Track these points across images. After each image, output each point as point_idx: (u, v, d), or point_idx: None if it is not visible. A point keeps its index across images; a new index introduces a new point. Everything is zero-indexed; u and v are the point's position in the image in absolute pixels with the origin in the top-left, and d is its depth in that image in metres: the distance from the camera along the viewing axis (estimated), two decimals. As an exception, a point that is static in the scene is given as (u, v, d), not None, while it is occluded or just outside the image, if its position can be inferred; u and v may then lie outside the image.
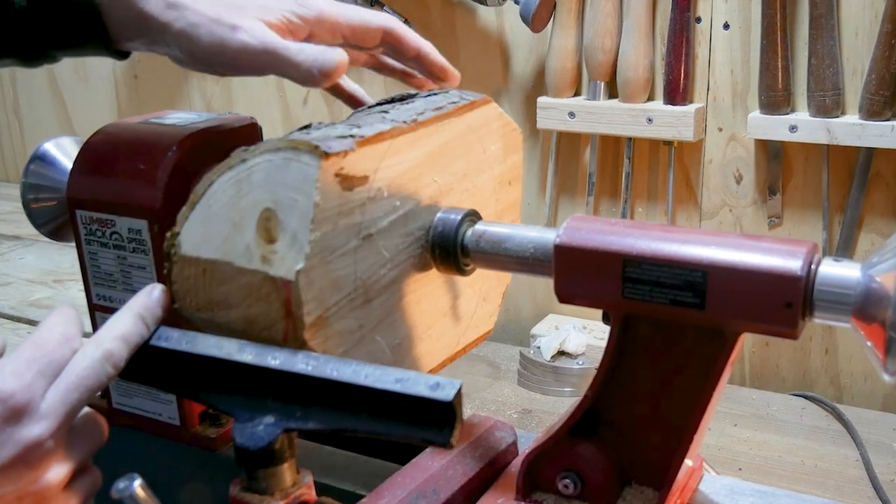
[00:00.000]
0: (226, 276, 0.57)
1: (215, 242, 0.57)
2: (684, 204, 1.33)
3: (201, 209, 0.58)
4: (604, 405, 0.62)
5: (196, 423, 0.77)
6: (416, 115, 0.63)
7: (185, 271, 0.58)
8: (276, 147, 0.56)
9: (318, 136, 0.57)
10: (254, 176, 0.56)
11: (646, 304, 0.56)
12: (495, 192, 0.72)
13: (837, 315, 0.53)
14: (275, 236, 0.55)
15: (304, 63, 0.65)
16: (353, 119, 0.64)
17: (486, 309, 0.75)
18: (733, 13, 1.22)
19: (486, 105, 0.70)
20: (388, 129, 0.60)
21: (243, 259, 0.56)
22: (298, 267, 0.54)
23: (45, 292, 1.53)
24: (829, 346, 1.28)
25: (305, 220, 0.54)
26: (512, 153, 0.74)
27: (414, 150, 0.62)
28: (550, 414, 1.20)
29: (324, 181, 0.54)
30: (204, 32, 0.65)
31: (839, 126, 1.15)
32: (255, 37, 0.65)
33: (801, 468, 1.07)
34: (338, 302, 0.58)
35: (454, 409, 0.49)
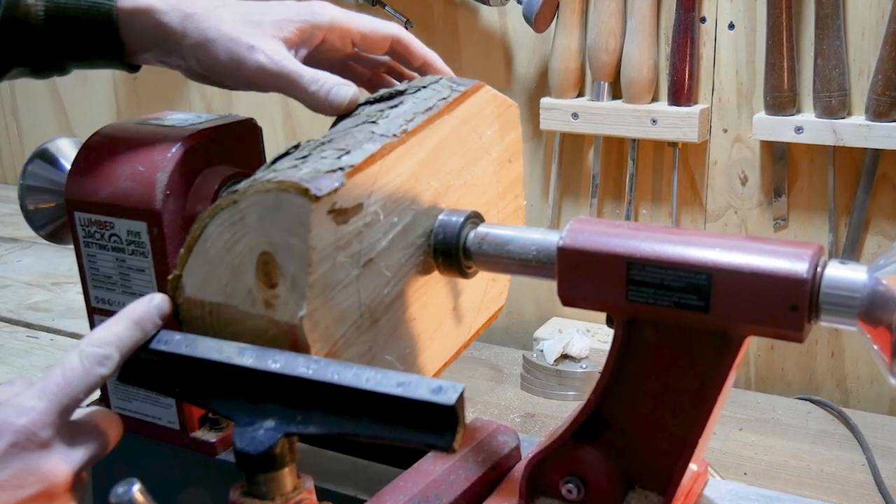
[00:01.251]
0: (232, 318, 0.57)
1: (218, 287, 0.57)
2: (689, 206, 1.32)
3: (199, 252, 0.58)
4: (607, 409, 0.61)
5: (196, 427, 0.77)
6: (406, 122, 0.62)
7: (192, 312, 0.58)
8: (265, 189, 0.55)
9: (307, 173, 0.56)
10: (247, 218, 0.56)
11: (650, 307, 0.56)
12: (495, 174, 0.71)
13: (844, 318, 0.52)
14: (275, 280, 0.55)
15: (318, 93, 0.68)
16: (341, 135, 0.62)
17: (497, 287, 0.74)
18: (738, 13, 1.22)
19: (477, 92, 0.69)
20: (377, 150, 0.59)
21: (247, 304, 0.56)
22: (301, 313, 0.54)
23: (43, 295, 1.53)
24: (836, 350, 1.27)
25: (303, 264, 0.54)
26: (509, 131, 0.72)
27: (406, 161, 0.61)
28: (554, 418, 1.20)
29: (317, 220, 0.54)
30: (221, 49, 0.67)
31: (845, 127, 1.14)
32: (272, 59, 0.67)
33: (807, 473, 1.07)
34: (345, 333, 0.58)
35: (456, 412, 0.49)
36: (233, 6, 0.70)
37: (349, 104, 0.68)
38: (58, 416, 0.54)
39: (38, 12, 0.70)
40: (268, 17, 0.70)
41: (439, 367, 0.69)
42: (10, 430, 0.52)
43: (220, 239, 0.57)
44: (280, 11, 0.70)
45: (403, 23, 1.42)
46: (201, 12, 0.68)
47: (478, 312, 0.72)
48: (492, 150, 0.71)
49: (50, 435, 0.53)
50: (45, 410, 0.53)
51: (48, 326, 1.40)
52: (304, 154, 0.59)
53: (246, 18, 0.69)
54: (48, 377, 0.54)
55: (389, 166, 0.60)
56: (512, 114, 0.73)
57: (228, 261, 0.56)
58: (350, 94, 0.68)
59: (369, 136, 0.60)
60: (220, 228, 0.57)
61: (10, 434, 0.52)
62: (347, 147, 0.59)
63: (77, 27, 0.70)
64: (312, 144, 0.61)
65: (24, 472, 0.52)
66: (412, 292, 0.63)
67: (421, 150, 0.63)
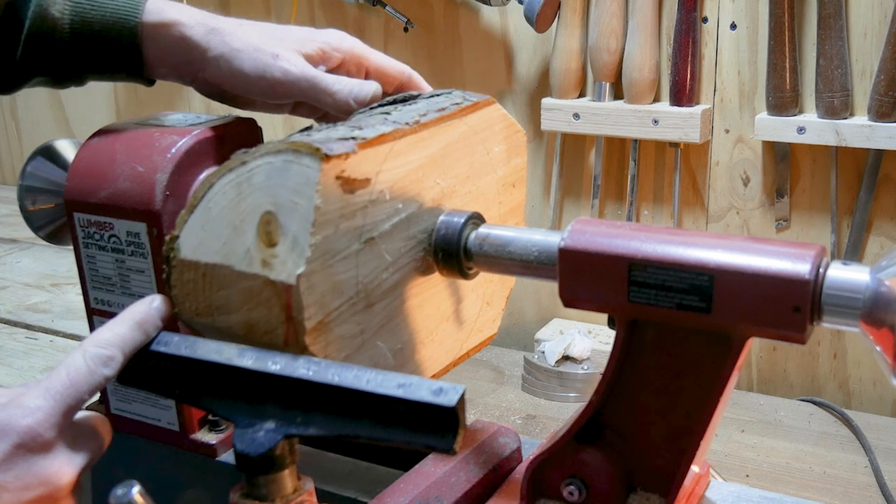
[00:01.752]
0: (226, 280, 0.56)
1: (215, 246, 0.57)
2: (691, 206, 1.32)
3: (201, 212, 0.57)
4: (609, 411, 0.61)
5: (196, 428, 0.77)
6: (419, 116, 0.63)
7: (184, 275, 0.58)
8: (276, 149, 0.56)
9: (319, 138, 0.57)
10: (254, 178, 0.56)
11: (652, 308, 0.56)
12: (499, 194, 0.72)
13: (846, 319, 0.52)
14: (275, 240, 0.55)
15: (341, 93, 0.70)
16: (355, 121, 0.63)
17: (490, 313, 0.74)
18: (740, 13, 1.21)
19: (489, 106, 0.69)
20: (390, 132, 0.59)
21: (243, 263, 0.55)
22: (299, 271, 0.53)
23: (42, 296, 1.54)
24: (838, 351, 1.27)
25: (306, 224, 0.54)
26: (516, 155, 0.73)
27: (416, 151, 0.62)
28: (555, 419, 1.20)
29: (325, 184, 0.54)
30: (246, 58, 0.70)
31: (848, 128, 1.14)
32: (296, 65, 0.70)
33: (810, 475, 1.07)
34: (339, 306, 0.57)
35: (457, 414, 0.49)
36: (256, 25, 0.73)
37: (372, 100, 0.71)
38: (62, 417, 0.54)
39: (65, 26, 0.71)
40: (291, 34, 0.73)
41: (435, 372, 0.69)
42: (14, 431, 0.52)
43: (225, 198, 0.57)
44: (302, 31, 0.74)
45: (404, 23, 1.42)
46: (226, 28, 0.71)
47: (469, 333, 0.72)
48: (498, 168, 0.71)
49: (54, 436, 0.53)
50: (50, 411, 0.53)
51: (47, 328, 1.41)
52: (318, 129, 0.61)
53: (270, 34, 0.72)
54: (52, 377, 0.54)
55: (399, 151, 0.60)
56: (519, 139, 0.74)
57: (229, 219, 0.56)
58: (372, 90, 0.71)
59: (382, 120, 0.61)
60: (224, 188, 0.57)
61: (15, 435, 0.52)
62: (361, 126, 0.60)
63: (101, 42, 0.71)
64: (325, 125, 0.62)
65: (29, 473, 0.52)
66: (410, 288, 0.63)
67: (431, 146, 0.63)
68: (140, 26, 0.71)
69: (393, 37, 1.49)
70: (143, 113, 0.85)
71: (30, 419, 0.52)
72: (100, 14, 0.71)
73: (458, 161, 0.66)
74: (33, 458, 0.52)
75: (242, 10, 1.64)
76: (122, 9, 0.70)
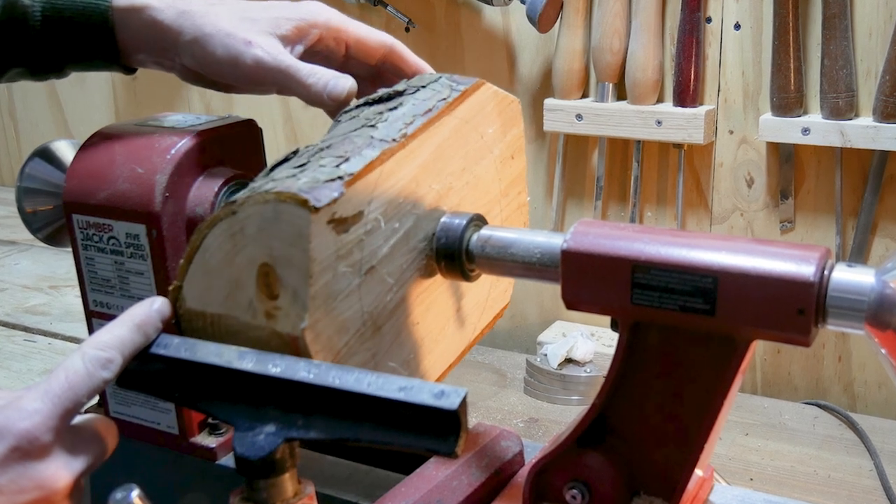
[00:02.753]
0: (234, 328, 0.56)
1: (218, 298, 0.57)
2: (694, 208, 1.32)
3: (199, 263, 0.57)
4: (612, 414, 0.61)
5: (195, 431, 0.77)
6: (405, 126, 0.61)
7: (193, 323, 0.58)
8: (264, 200, 0.55)
9: (306, 183, 0.55)
10: (247, 229, 0.55)
11: (655, 311, 0.55)
12: (498, 172, 0.71)
13: (851, 322, 0.52)
14: (276, 292, 0.55)
15: (315, 85, 0.68)
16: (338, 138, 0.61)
17: (501, 285, 0.74)
18: (744, 13, 1.21)
19: (478, 90, 0.68)
20: (377, 157, 0.58)
21: (248, 315, 0.56)
22: (303, 325, 0.54)
23: (40, 298, 1.54)
24: (843, 354, 1.26)
25: (304, 276, 0.53)
26: (511, 127, 0.72)
27: (407, 165, 0.61)
28: (557, 423, 1.19)
29: (317, 231, 0.53)
30: (218, 44, 0.68)
31: (853, 128, 1.13)
32: (270, 53, 0.68)
33: (814, 478, 1.06)
34: (347, 342, 0.57)
35: (459, 417, 0.49)
36: (229, 4, 0.71)
37: (347, 96, 0.69)
38: (60, 420, 0.53)
39: (35, 13, 0.70)
40: (264, 14, 0.70)
41: (444, 370, 0.69)
42: (10, 434, 0.52)
43: (220, 250, 0.56)
44: (277, 9, 0.71)
45: (406, 23, 1.42)
46: (197, 9, 0.69)
47: (482, 312, 0.72)
48: (493, 148, 0.70)
49: (51, 439, 0.53)
50: (47, 414, 0.53)
51: (46, 330, 1.41)
52: (303, 162, 0.59)
53: (242, 15, 0.70)
54: (51, 379, 0.54)
55: (389, 172, 0.59)
56: (513, 109, 0.72)
57: (228, 272, 0.56)
58: (347, 86, 0.69)
59: (368, 141, 0.60)
60: (219, 239, 0.56)
61: (12, 438, 0.52)
62: (346, 154, 0.58)
63: (73, 28, 0.70)
64: (311, 150, 0.61)
65: (24, 477, 0.52)
66: (415, 297, 0.63)
67: (421, 154, 0.62)
68: (111, 10, 0.69)
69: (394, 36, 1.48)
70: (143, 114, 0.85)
71: (27, 422, 0.52)
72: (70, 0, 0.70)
73: (451, 158, 0.65)
74: (29, 462, 0.52)
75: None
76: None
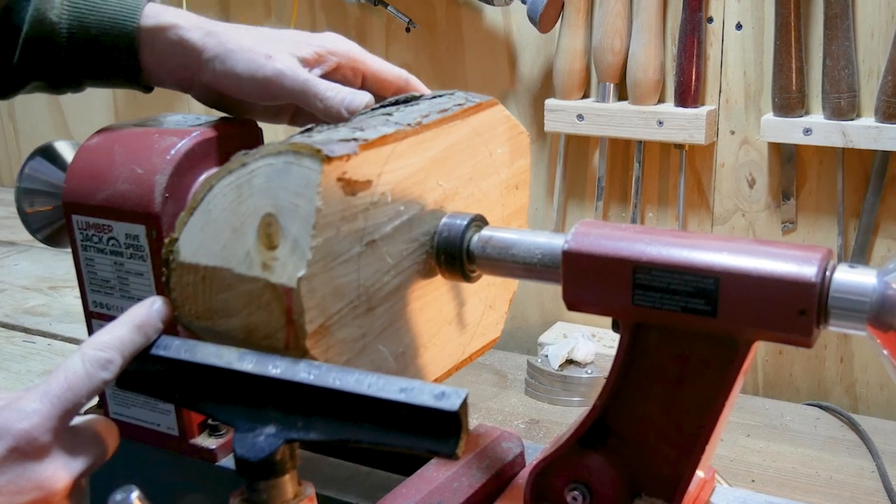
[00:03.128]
0: (226, 283, 0.56)
1: (215, 249, 0.56)
2: (696, 209, 1.31)
3: (200, 214, 0.57)
4: (613, 415, 0.61)
5: (195, 433, 0.77)
6: (421, 117, 0.62)
7: (183, 278, 0.57)
8: (277, 151, 0.55)
9: (321, 139, 0.56)
10: (254, 180, 0.55)
11: (656, 312, 0.55)
12: (502, 196, 0.71)
13: (853, 323, 0.52)
14: (276, 242, 0.54)
15: (333, 100, 0.69)
16: (356, 122, 0.63)
17: (493, 316, 0.74)
18: (746, 13, 1.21)
19: (492, 107, 0.69)
20: (391, 133, 0.59)
21: (243, 266, 0.55)
22: (300, 274, 0.53)
23: (40, 299, 1.53)
24: (845, 355, 1.26)
25: (307, 226, 0.53)
26: (519, 157, 0.73)
27: (418, 153, 0.61)
28: (558, 424, 1.19)
29: (326, 186, 0.53)
30: (240, 58, 0.70)
31: (855, 129, 1.13)
32: (289, 67, 0.70)
33: (816, 480, 1.06)
34: (340, 310, 0.57)
35: (460, 418, 0.49)
36: (253, 28, 0.73)
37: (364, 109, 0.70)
38: (59, 421, 0.53)
39: (62, 30, 0.71)
40: (287, 37, 0.72)
41: (431, 379, 0.68)
42: (9, 435, 0.52)
43: (225, 200, 0.56)
44: (299, 35, 0.73)
45: (406, 23, 1.42)
46: (223, 30, 0.71)
47: (472, 337, 0.72)
48: (501, 170, 0.71)
49: (50, 440, 0.53)
50: (46, 414, 0.53)
51: (45, 331, 1.40)
52: (319, 130, 0.60)
53: (266, 36, 0.72)
54: (50, 380, 0.54)
55: (401, 153, 0.59)
56: (522, 141, 0.73)
57: (230, 222, 0.56)
58: (366, 100, 0.70)
59: (384, 121, 0.61)
60: (225, 190, 0.56)
61: (10, 438, 0.52)
62: (363, 127, 0.59)
63: (98, 48, 0.71)
64: (326, 126, 0.62)
65: (23, 478, 0.52)
66: (412, 291, 0.63)
67: (433, 147, 0.63)
68: (138, 31, 0.71)
69: (395, 37, 1.48)
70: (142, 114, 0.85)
71: (25, 423, 0.52)
72: (97, 19, 0.71)
73: (460, 163, 0.66)
74: (28, 463, 0.52)
75: (243, 11, 1.64)
76: (119, 13, 0.71)
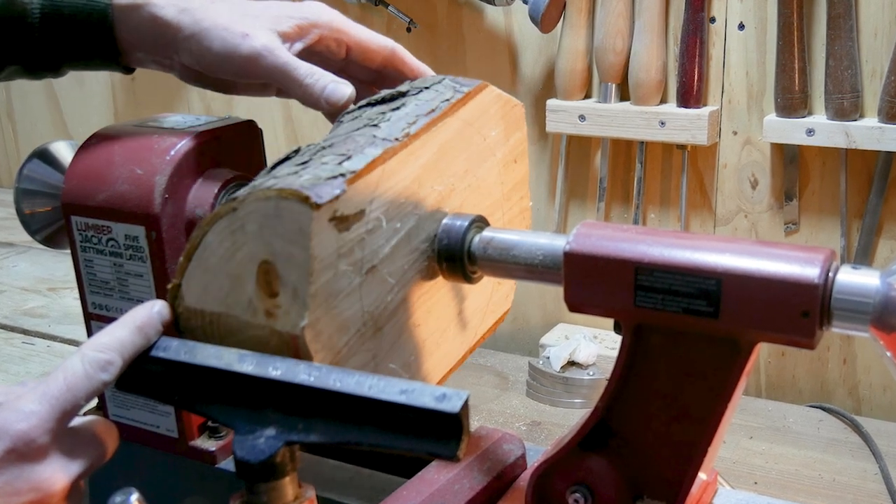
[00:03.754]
0: (233, 327, 0.56)
1: (218, 295, 0.56)
2: (698, 210, 1.31)
3: (198, 261, 0.57)
4: (615, 417, 0.61)
5: (195, 435, 0.77)
6: (408, 125, 0.61)
7: (192, 321, 0.58)
8: (265, 196, 0.54)
9: (308, 180, 0.55)
10: (247, 226, 0.55)
11: (658, 313, 0.55)
12: (500, 175, 0.70)
13: (856, 324, 0.52)
14: (276, 289, 0.54)
15: (313, 87, 0.67)
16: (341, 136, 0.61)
17: (502, 290, 0.74)
18: (748, 13, 1.20)
19: (481, 92, 0.67)
20: (379, 155, 0.58)
21: (247, 313, 0.55)
22: (303, 323, 0.53)
23: (39, 301, 1.53)
24: (848, 356, 1.26)
25: (304, 274, 0.53)
26: (515, 131, 0.71)
27: (410, 164, 0.60)
28: (560, 426, 1.19)
29: (318, 229, 0.53)
30: (215, 37, 0.67)
31: (858, 129, 1.13)
32: (267, 47, 0.67)
33: (819, 482, 1.05)
34: (348, 342, 0.57)
35: (461, 420, 0.48)
36: (230, 2, 0.70)
37: (346, 103, 0.68)
38: (57, 423, 0.53)
39: (34, 10, 0.70)
40: (265, 11, 0.70)
41: (445, 373, 0.68)
42: (7, 436, 0.51)
43: (220, 247, 0.56)
44: (278, 7, 0.70)
45: (407, 23, 1.41)
46: (197, 6, 0.69)
47: (483, 316, 0.72)
48: (496, 151, 0.70)
49: (48, 441, 0.53)
50: (45, 416, 0.52)
51: (44, 333, 1.40)
52: (305, 160, 0.59)
53: (243, 11, 0.69)
54: (49, 381, 0.54)
55: (392, 171, 0.59)
56: (517, 113, 0.72)
57: (228, 270, 0.56)
58: (347, 92, 0.68)
59: (371, 140, 0.59)
60: (219, 237, 0.56)
61: (8, 439, 0.51)
62: (349, 152, 0.58)
63: (72, 25, 0.70)
64: (313, 149, 0.60)
65: (20, 479, 0.52)
66: (416, 298, 0.63)
67: (424, 154, 0.62)
68: (111, 8, 0.69)
69: (395, 37, 1.45)
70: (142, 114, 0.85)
71: (24, 424, 0.52)
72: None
73: (454, 159, 0.65)
74: (26, 464, 0.52)
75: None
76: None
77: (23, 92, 2.06)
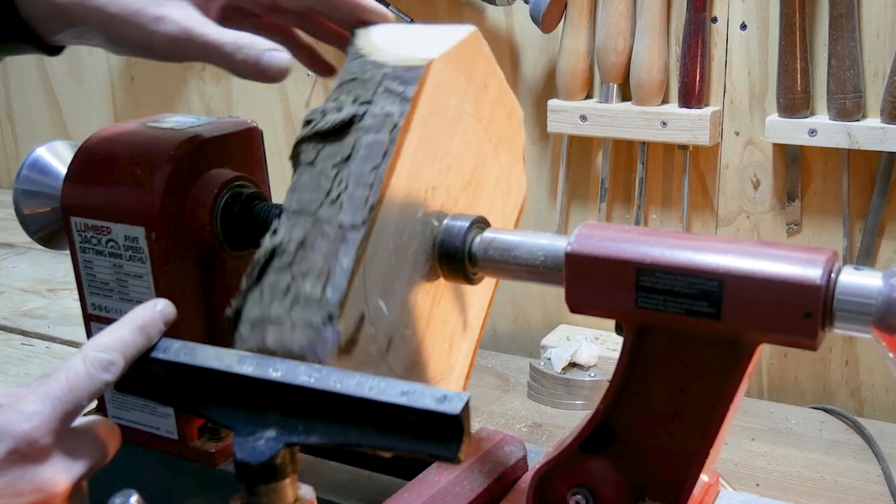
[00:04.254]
0: None
1: None
2: (700, 210, 1.31)
3: None
4: (616, 419, 0.61)
5: (195, 437, 0.77)
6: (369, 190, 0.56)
7: None
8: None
9: (304, 336, 0.55)
10: None
11: (660, 314, 0.55)
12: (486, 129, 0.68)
13: (858, 325, 0.52)
14: None
15: (246, 61, 0.62)
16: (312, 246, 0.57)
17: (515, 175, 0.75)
18: (750, 13, 1.20)
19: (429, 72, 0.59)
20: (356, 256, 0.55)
21: None
22: None
23: (38, 302, 1.53)
24: (850, 358, 1.25)
25: None
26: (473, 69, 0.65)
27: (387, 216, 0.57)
28: (561, 428, 1.18)
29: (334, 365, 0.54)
30: (127, 26, 0.62)
31: (860, 130, 1.12)
32: (183, 28, 0.61)
33: (821, 484, 1.05)
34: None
35: (462, 422, 0.48)
36: None
37: (284, 73, 0.63)
38: (59, 423, 0.53)
39: None
40: None
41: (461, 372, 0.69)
42: (10, 436, 0.51)
43: None
44: None
45: (408, 23, 1.41)
46: None
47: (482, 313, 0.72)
48: (464, 105, 0.65)
49: (50, 442, 0.52)
50: (47, 416, 0.52)
51: (44, 334, 1.40)
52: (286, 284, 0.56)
53: None
54: (51, 381, 0.53)
55: (372, 252, 0.56)
56: (472, 50, 0.65)
57: None
58: (285, 61, 0.62)
59: (341, 237, 0.56)
60: None
61: (10, 440, 0.51)
62: (327, 267, 0.55)
63: None
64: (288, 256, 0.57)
65: (22, 480, 0.52)
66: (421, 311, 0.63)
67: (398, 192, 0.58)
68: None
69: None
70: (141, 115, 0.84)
71: (26, 424, 0.52)
72: None
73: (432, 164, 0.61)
74: (28, 465, 0.52)
75: None
76: None
77: (22, 92, 2.06)
